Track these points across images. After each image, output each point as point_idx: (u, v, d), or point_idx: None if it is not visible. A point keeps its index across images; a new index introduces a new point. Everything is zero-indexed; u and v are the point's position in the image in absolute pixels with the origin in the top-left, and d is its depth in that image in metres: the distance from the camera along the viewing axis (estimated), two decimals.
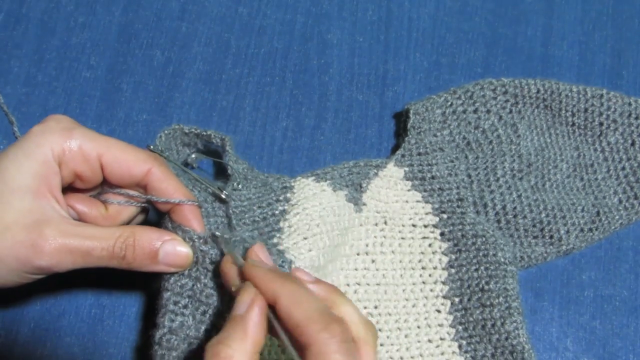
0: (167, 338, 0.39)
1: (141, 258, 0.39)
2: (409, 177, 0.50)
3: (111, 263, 0.39)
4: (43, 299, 0.49)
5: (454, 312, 0.48)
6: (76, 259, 0.38)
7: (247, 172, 0.48)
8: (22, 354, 0.48)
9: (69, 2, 0.58)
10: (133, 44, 0.57)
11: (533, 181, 0.52)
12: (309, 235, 0.45)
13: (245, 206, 0.46)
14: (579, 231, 0.51)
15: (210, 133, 0.48)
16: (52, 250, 0.37)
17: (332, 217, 0.47)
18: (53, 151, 0.38)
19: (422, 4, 0.61)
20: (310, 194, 0.47)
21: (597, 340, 0.51)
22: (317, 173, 0.50)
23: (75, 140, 0.39)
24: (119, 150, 0.40)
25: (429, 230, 0.50)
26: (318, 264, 0.45)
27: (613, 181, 0.53)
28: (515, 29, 0.60)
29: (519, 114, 0.54)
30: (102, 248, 0.38)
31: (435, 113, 0.53)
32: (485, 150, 0.52)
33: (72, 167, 0.39)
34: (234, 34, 0.58)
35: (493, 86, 0.53)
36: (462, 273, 0.48)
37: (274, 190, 0.47)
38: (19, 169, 0.38)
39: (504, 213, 0.50)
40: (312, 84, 0.57)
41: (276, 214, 0.46)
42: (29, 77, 0.55)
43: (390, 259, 0.49)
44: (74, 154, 0.39)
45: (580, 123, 0.54)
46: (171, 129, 0.47)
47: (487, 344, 0.46)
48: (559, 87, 0.54)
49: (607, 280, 0.53)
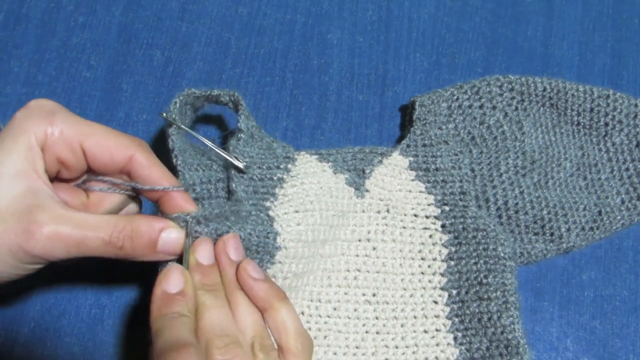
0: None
1: (140, 248, 0.38)
2: (414, 167, 0.51)
3: (107, 253, 0.38)
4: (43, 299, 0.49)
5: (451, 304, 0.48)
6: (70, 248, 0.37)
7: (255, 130, 0.48)
8: (22, 353, 0.48)
9: (69, 2, 0.58)
10: (133, 44, 0.57)
11: (536, 178, 0.52)
12: (300, 210, 0.46)
13: (246, 162, 0.46)
14: (580, 230, 0.51)
15: (219, 92, 0.47)
16: (44, 238, 0.36)
17: (329, 198, 0.47)
18: (36, 136, 0.38)
19: (422, 4, 0.61)
20: (310, 171, 0.48)
21: (597, 340, 0.51)
22: (321, 152, 0.50)
23: (57, 126, 0.38)
24: (101, 135, 0.39)
25: (431, 222, 0.50)
26: (306, 239, 0.46)
27: (616, 181, 0.53)
28: (515, 29, 0.60)
29: (524, 112, 0.54)
30: (97, 237, 0.37)
31: (441, 106, 0.53)
32: (489, 146, 0.52)
33: (54, 153, 0.38)
34: (234, 34, 0.58)
35: (500, 83, 0.54)
36: (461, 266, 0.48)
37: (276, 157, 0.48)
38: (8, 154, 0.37)
39: (505, 208, 0.50)
40: (312, 84, 0.57)
41: (274, 179, 0.47)
42: (29, 77, 0.55)
43: (390, 247, 0.49)
44: (56, 140, 0.38)
45: (585, 123, 0.54)
46: (184, 94, 0.46)
47: (483, 337, 0.46)
48: (565, 86, 0.54)
49: (607, 280, 0.53)
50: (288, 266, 0.45)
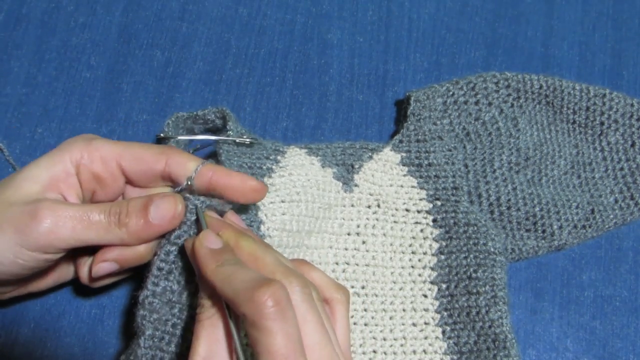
0: (149, 301, 0.40)
1: (135, 217, 0.39)
2: (406, 163, 0.51)
3: (110, 230, 0.39)
4: (43, 299, 0.49)
5: (440, 297, 0.48)
6: (75, 225, 0.38)
7: (244, 132, 0.49)
8: (22, 354, 0.48)
9: (69, 2, 0.58)
10: (133, 44, 0.57)
11: (529, 175, 0.52)
12: (287, 200, 0.47)
13: (236, 152, 0.47)
14: (572, 227, 0.51)
15: (205, 111, 0.48)
16: (50, 215, 0.37)
17: (315, 190, 0.48)
18: (71, 155, 0.40)
19: (422, 4, 0.61)
20: (299, 163, 0.48)
21: (597, 341, 0.51)
22: (310, 147, 0.50)
23: (94, 145, 0.41)
24: (136, 148, 0.41)
25: (422, 216, 0.50)
26: (290, 228, 0.46)
27: (610, 181, 0.53)
28: (515, 29, 0.60)
29: (520, 109, 0.54)
30: (99, 211, 0.39)
31: (436, 102, 0.53)
32: (484, 142, 0.52)
33: (90, 169, 0.40)
34: (234, 34, 0.58)
35: (496, 79, 0.54)
36: (452, 260, 0.49)
37: (266, 149, 0.48)
38: (37, 165, 0.40)
39: (497, 204, 0.51)
40: (312, 84, 0.57)
41: (263, 169, 0.47)
42: (29, 77, 0.55)
43: (381, 241, 0.50)
44: (92, 157, 0.40)
45: (581, 121, 0.54)
46: (174, 117, 0.48)
47: (471, 331, 0.47)
48: (561, 84, 0.54)
49: (607, 280, 0.53)
50: None
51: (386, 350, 0.47)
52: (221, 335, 0.35)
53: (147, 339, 0.40)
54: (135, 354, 0.40)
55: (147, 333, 0.40)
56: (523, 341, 0.51)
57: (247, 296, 0.32)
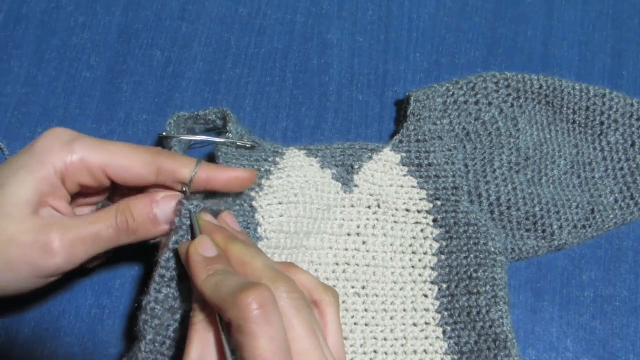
0: (151, 307, 0.40)
1: (143, 222, 0.40)
2: (406, 163, 0.51)
3: (120, 239, 0.40)
4: (43, 299, 0.49)
5: (440, 298, 0.48)
6: (88, 247, 0.38)
7: (244, 133, 0.49)
8: (22, 354, 0.48)
9: (69, 2, 0.58)
10: (133, 44, 0.57)
11: (530, 175, 0.52)
12: (284, 202, 0.47)
13: (234, 154, 0.47)
14: (572, 227, 0.51)
15: (207, 111, 0.49)
16: (63, 246, 0.37)
17: (314, 192, 0.48)
18: (55, 168, 0.39)
19: (422, 4, 0.61)
20: (297, 165, 0.48)
21: (598, 341, 0.51)
22: (309, 148, 0.51)
23: (76, 154, 0.39)
24: (123, 158, 0.40)
25: (422, 216, 0.50)
26: (287, 230, 0.46)
27: (610, 180, 0.53)
28: (515, 29, 0.60)
29: (520, 109, 0.54)
30: (107, 226, 0.39)
31: (436, 102, 0.53)
32: (484, 142, 0.52)
33: (76, 180, 0.40)
34: (234, 34, 0.58)
35: (496, 79, 0.54)
36: (452, 260, 0.49)
37: (265, 151, 0.48)
38: (21, 184, 0.38)
39: (497, 204, 0.51)
40: (312, 84, 0.57)
41: (262, 170, 0.47)
42: (29, 77, 0.55)
43: (381, 241, 0.50)
44: (77, 168, 0.39)
45: (581, 121, 0.54)
46: (175, 116, 0.48)
47: (472, 332, 0.47)
48: (561, 84, 0.54)
49: (607, 280, 0.53)
50: (270, 257, 0.45)
51: (387, 350, 0.47)
52: (213, 339, 0.35)
53: (148, 344, 0.40)
54: (137, 357, 0.40)
55: (148, 338, 0.40)
56: (523, 341, 0.51)
57: (232, 301, 0.32)
